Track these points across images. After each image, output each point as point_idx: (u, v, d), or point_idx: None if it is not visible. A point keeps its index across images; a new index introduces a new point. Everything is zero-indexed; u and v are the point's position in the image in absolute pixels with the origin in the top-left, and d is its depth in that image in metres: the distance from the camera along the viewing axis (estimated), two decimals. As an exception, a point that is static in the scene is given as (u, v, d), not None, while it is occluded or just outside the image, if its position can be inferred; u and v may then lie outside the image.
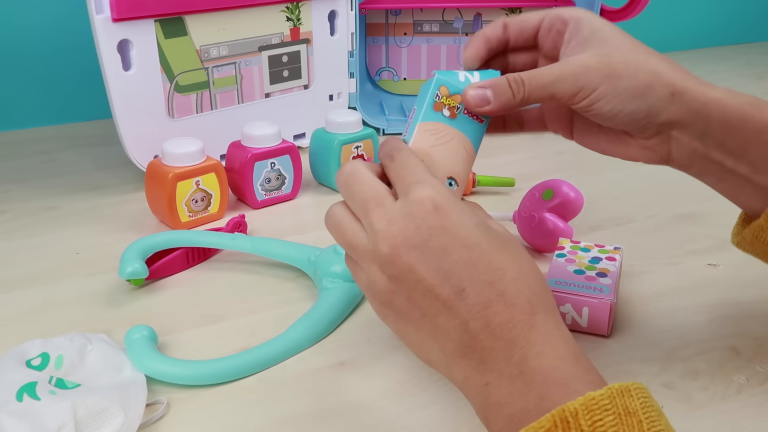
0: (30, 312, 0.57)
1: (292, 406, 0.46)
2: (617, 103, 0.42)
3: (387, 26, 1.03)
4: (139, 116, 0.76)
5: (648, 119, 0.42)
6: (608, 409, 0.31)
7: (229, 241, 0.63)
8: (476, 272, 0.37)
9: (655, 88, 0.42)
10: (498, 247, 0.38)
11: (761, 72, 1.30)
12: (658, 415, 0.32)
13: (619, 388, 0.32)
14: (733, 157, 0.43)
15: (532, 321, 0.36)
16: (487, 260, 0.37)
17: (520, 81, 0.42)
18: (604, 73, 0.42)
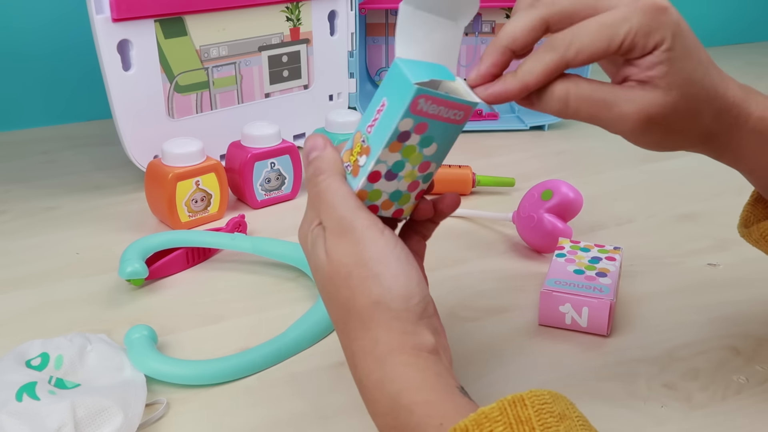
0: (30, 312, 0.57)
1: (292, 406, 0.46)
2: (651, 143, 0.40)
3: (387, 26, 1.03)
4: (139, 116, 0.76)
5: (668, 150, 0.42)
6: (498, 420, 0.31)
7: (229, 241, 0.63)
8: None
9: (688, 136, 0.40)
10: (322, 282, 0.40)
11: (761, 72, 1.30)
12: (558, 420, 0.31)
13: (511, 399, 0.32)
14: (747, 172, 0.44)
15: (357, 376, 0.38)
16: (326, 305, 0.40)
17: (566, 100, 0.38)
18: (663, 130, 0.39)
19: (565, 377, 0.49)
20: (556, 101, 0.38)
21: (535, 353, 0.51)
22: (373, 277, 0.37)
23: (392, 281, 0.37)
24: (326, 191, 0.39)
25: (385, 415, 0.36)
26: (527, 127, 0.99)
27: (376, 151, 0.38)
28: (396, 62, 0.39)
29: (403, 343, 0.36)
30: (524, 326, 0.54)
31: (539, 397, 0.32)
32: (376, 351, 0.36)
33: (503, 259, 0.64)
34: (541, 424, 0.31)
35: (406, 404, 0.35)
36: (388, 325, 0.37)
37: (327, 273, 0.38)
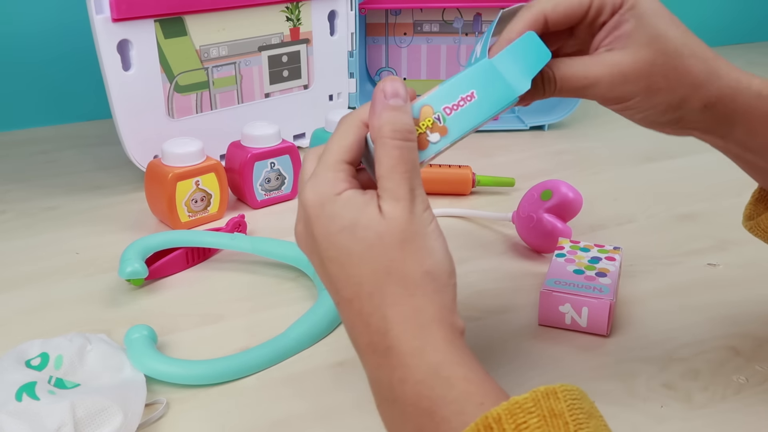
0: (30, 312, 0.57)
1: (292, 406, 0.46)
2: (650, 114, 0.42)
3: (387, 26, 1.03)
4: (139, 116, 0.76)
5: (674, 124, 0.43)
6: (532, 412, 0.30)
7: (229, 241, 0.63)
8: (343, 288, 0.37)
9: (690, 101, 0.41)
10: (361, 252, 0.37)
11: (761, 72, 1.29)
12: (587, 417, 0.31)
13: (545, 390, 0.31)
14: (754, 154, 0.43)
15: (387, 341, 0.36)
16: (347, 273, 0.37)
17: (552, 79, 0.41)
18: (643, 85, 0.40)
19: (565, 377, 0.49)
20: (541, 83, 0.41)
21: (535, 353, 0.51)
22: (428, 249, 0.37)
23: (442, 256, 0.37)
24: (403, 156, 0.38)
25: (417, 383, 0.34)
26: (527, 127, 0.99)
27: (455, 136, 0.41)
28: (492, 62, 0.40)
29: (443, 317, 0.36)
30: (524, 326, 0.54)
31: (570, 392, 0.32)
32: (419, 319, 0.36)
33: (503, 259, 0.64)
34: (573, 420, 0.31)
35: (446, 377, 0.34)
36: (431, 297, 0.36)
37: (377, 231, 0.36)
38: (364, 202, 0.37)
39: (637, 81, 0.40)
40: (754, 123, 0.42)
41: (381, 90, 0.39)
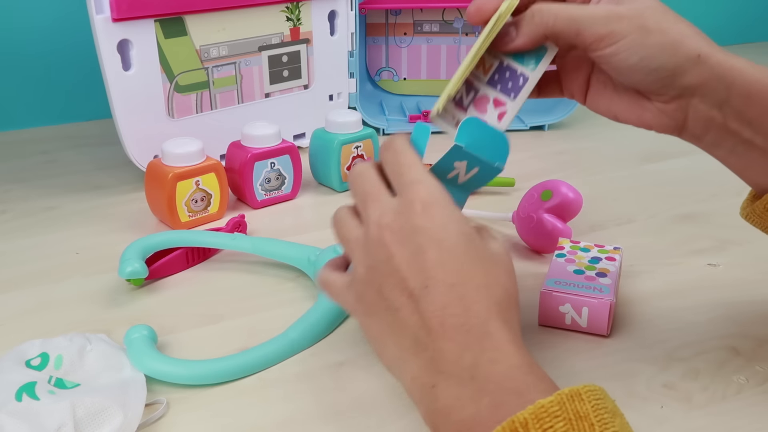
0: (30, 312, 0.57)
1: (292, 406, 0.46)
2: (644, 56, 0.42)
3: (387, 26, 1.03)
4: (139, 116, 0.76)
5: (672, 79, 0.42)
6: (558, 416, 0.31)
7: (229, 241, 0.63)
8: (443, 273, 0.37)
9: (683, 46, 0.41)
10: (474, 257, 0.38)
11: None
12: (612, 416, 0.31)
13: (569, 392, 0.32)
14: (750, 127, 0.43)
15: (486, 327, 0.36)
16: (458, 265, 0.38)
17: (544, 11, 0.43)
18: (636, 24, 0.41)
19: (565, 377, 0.49)
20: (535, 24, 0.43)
21: (535, 353, 0.51)
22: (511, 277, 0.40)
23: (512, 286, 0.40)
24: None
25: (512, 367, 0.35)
26: (527, 127, 0.99)
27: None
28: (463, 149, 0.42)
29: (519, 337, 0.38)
30: (524, 326, 0.54)
31: (594, 392, 0.32)
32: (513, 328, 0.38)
33: (503, 259, 0.64)
34: (599, 421, 0.31)
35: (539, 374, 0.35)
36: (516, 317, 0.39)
37: (500, 261, 0.40)
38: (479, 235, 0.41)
39: (630, 19, 0.42)
40: (751, 86, 0.42)
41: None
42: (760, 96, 0.42)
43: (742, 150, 0.44)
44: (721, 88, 0.42)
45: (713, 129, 0.44)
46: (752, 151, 0.44)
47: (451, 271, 0.38)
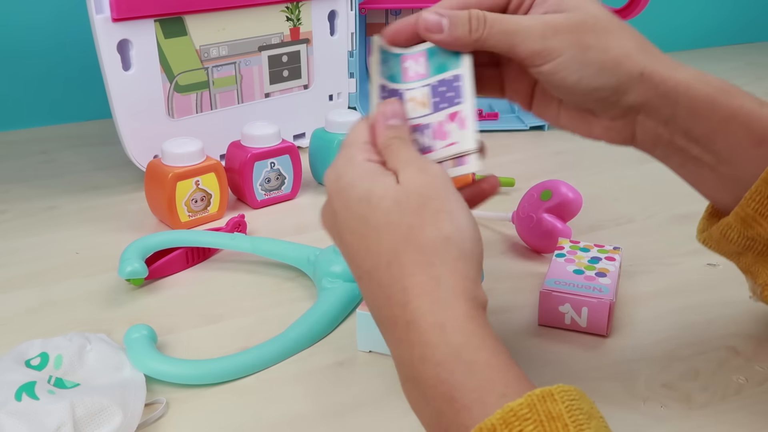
0: (29, 312, 0.57)
1: (292, 406, 0.46)
2: (583, 75, 0.39)
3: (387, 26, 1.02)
4: (139, 116, 0.76)
5: (614, 98, 0.40)
6: (528, 418, 0.29)
7: (229, 241, 0.63)
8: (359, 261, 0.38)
9: (624, 65, 0.39)
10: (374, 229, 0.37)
11: (761, 72, 1.30)
12: (588, 418, 0.30)
13: (540, 393, 0.30)
14: (698, 145, 0.41)
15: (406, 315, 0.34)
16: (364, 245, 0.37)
17: (482, 19, 0.40)
18: (574, 40, 0.39)
19: (565, 377, 0.49)
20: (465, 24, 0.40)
21: (535, 353, 0.51)
22: (447, 212, 0.36)
23: (464, 221, 0.36)
24: (407, 143, 0.40)
25: (437, 365, 0.33)
26: (527, 127, 0.99)
27: None
28: None
29: (465, 289, 0.34)
30: (524, 326, 0.54)
31: (568, 393, 0.31)
32: (439, 292, 0.34)
33: (503, 259, 0.64)
34: (573, 421, 0.29)
35: (468, 361, 0.32)
36: (453, 266, 0.35)
37: (394, 197, 0.36)
38: (380, 171, 0.38)
39: (567, 35, 0.39)
40: (696, 104, 0.40)
41: (381, 113, 0.41)
42: (706, 114, 0.40)
43: (692, 166, 0.42)
44: (666, 105, 0.40)
45: (661, 144, 0.42)
46: (701, 167, 0.42)
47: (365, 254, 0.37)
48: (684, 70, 0.41)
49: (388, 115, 0.41)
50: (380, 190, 0.36)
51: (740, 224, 0.42)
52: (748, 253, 0.44)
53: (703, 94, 0.40)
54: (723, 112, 0.40)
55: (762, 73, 1.30)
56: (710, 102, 0.40)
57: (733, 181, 0.41)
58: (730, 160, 0.41)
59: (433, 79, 0.43)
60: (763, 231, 0.41)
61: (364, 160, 0.38)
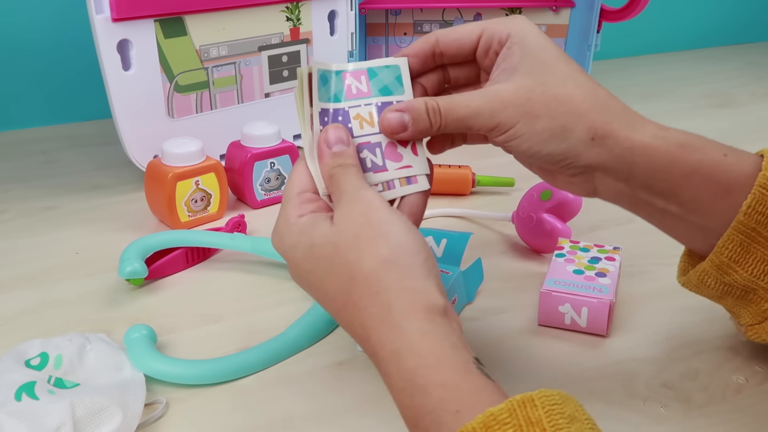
0: (29, 312, 0.57)
1: (292, 406, 0.46)
2: (534, 143, 0.40)
3: (387, 26, 1.03)
4: (139, 116, 0.76)
5: (566, 162, 0.41)
6: (507, 423, 0.30)
7: (229, 241, 0.63)
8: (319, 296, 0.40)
9: (574, 130, 0.40)
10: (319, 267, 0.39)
11: (761, 72, 1.30)
12: (569, 421, 0.30)
13: (521, 399, 0.31)
14: (662, 198, 0.41)
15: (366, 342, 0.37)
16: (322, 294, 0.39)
17: (437, 110, 0.41)
18: (522, 111, 0.40)
19: (565, 377, 0.49)
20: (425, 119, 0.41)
21: (535, 353, 0.51)
22: (381, 236, 0.37)
23: (401, 237, 0.37)
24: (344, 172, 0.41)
25: (399, 392, 0.34)
26: (527, 127, 0.99)
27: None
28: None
29: (416, 304, 0.35)
30: (524, 326, 0.54)
31: (549, 398, 0.31)
32: (391, 318, 0.35)
33: (503, 259, 0.64)
34: (552, 426, 0.30)
35: (422, 384, 0.33)
36: (399, 285, 0.36)
37: (331, 241, 0.38)
38: (311, 223, 0.39)
39: (516, 107, 0.40)
40: (655, 163, 0.40)
41: (324, 140, 0.42)
42: (666, 171, 0.40)
43: (660, 216, 0.42)
44: (622, 166, 0.40)
45: (624, 198, 0.42)
46: (669, 218, 0.42)
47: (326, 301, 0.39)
48: (642, 128, 0.40)
49: (331, 141, 0.42)
50: (319, 240, 0.38)
51: (716, 271, 0.43)
52: (728, 297, 0.45)
53: (661, 152, 0.40)
54: (683, 168, 0.40)
55: (761, 73, 1.30)
56: (669, 160, 0.40)
57: (704, 229, 0.42)
58: (697, 211, 0.41)
59: (377, 99, 0.44)
60: (738, 277, 0.42)
61: (297, 217, 0.40)
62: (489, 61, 0.44)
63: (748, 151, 0.42)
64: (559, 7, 0.98)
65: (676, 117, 1.03)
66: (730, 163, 0.41)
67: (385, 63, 0.44)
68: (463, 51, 0.44)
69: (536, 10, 0.98)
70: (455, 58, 0.45)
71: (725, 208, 0.40)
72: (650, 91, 1.18)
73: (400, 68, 0.44)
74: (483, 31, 0.43)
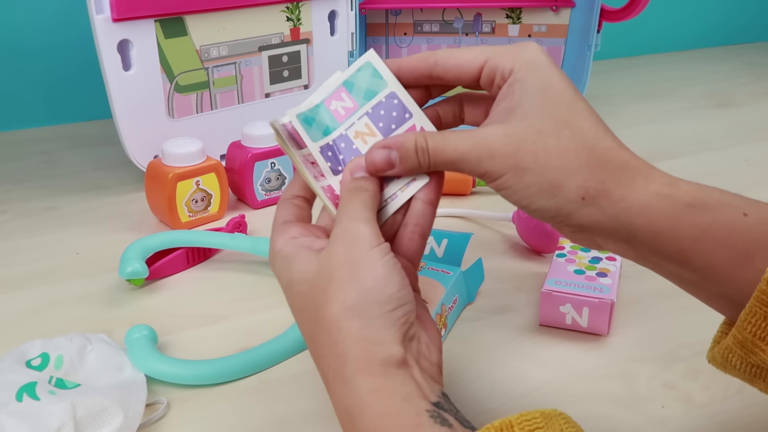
0: (30, 312, 0.57)
1: (292, 406, 0.46)
2: (523, 196, 0.36)
3: (387, 26, 1.03)
4: (139, 116, 0.76)
5: (558, 219, 0.37)
6: None
7: (229, 241, 0.63)
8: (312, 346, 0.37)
9: (563, 188, 0.36)
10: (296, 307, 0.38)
11: (759, 72, 1.30)
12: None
13: (498, 425, 0.29)
14: (672, 263, 0.36)
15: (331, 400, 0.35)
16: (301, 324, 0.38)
17: (425, 150, 0.38)
18: (510, 162, 0.36)
19: (565, 377, 0.49)
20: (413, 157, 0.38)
21: (535, 353, 0.51)
22: (354, 280, 0.34)
23: (373, 283, 0.34)
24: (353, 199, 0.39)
25: None
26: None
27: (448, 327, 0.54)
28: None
29: (370, 358, 0.33)
30: (524, 326, 0.54)
31: (530, 422, 0.29)
32: (345, 372, 0.34)
33: (503, 259, 0.64)
34: None
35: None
36: (357, 337, 0.34)
37: (307, 279, 0.36)
38: (295, 253, 0.37)
39: (503, 158, 0.36)
40: (656, 225, 0.35)
41: (347, 170, 0.40)
42: (671, 235, 0.35)
43: (676, 279, 0.38)
44: (620, 228, 0.36)
45: (631, 258, 0.38)
46: (684, 282, 0.37)
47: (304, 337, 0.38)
48: (644, 185, 0.36)
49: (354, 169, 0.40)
50: (298, 275, 0.37)
51: (740, 349, 0.36)
52: (759, 381, 0.37)
53: (663, 213, 0.35)
54: (691, 232, 0.35)
55: (760, 73, 1.30)
56: (673, 221, 0.35)
57: (724, 298, 0.37)
58: (714, 279, 0.36)
59: (367, 107, 0.42)
60: (766, 357, 0.35)
61: (281, 247, 0.38)
62: (494, 92, 0.39)
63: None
64: (559, 7, 0.98)
65: (676, 117, 1.03)
66: (750, 224, 0.35)
67: (356, 67, 0.42)
68: (463, 79, 0.40)
69: (536, 10, 0.98)
70: (454, 83, 0.41)
71: (747, 276, 0.35)
72: (650, 91, 1.18)
73: (372, 63, 0.42)
74: (486, 61, 0.39)
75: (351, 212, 0.37)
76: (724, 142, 0.93)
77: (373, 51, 0.42)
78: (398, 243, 0.40)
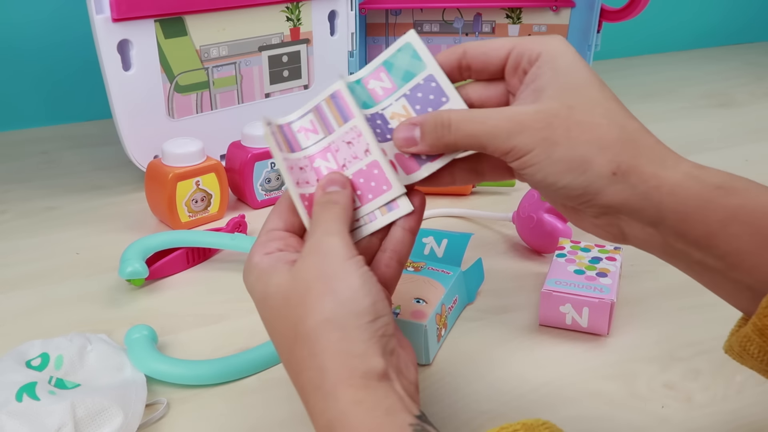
0: (30, 312, 0.57)
1: (292, 406, 0.46)
2: (550, 173, 0.36)
3: (387, 26, 1.03)
4: (139, 116, 0.76)
5: (585, 198, 0.36)
6: None
7: (229, 241, 0.63)
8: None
9: (594, 163, 0.35)
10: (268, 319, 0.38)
11: (760, 72, 1.30)
12: None
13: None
14: (698, 249, 0.36)
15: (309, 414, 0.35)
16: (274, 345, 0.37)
17: (446, 124, 0.38)
18: (541, 136, 0.36)
19: (565, 377, 0.49)
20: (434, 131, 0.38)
21: (535, 353, 0.51)
22: (330, 293, 0.34)
23: (349, 294, 0.34)
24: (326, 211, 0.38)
25: None
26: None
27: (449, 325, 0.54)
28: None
29: (351, 370, 0.33)
30: (524, 326, 0.54)
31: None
32: (325, 385, 0.33)
33: (503, 259, 0.64)
34: None
35: None
36: (335, 349, 0.33)
37: (283, 293, 0.36)
38: (272, 267, 0.37)
39: (534, 132, 0.36)
40: (685, 205, 0.35)
41: (320, 186, 0.40)
42: (700, 216, 0.35)
43: (700, 270, 0.37)
44: (648, 207, 0.36)
45: (656, 246, 0.38)
46: (710, 272, 0.37)
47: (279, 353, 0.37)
48: (674, 165, 0.36)
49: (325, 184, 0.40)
50: (273, 289, 0.36)
51: (759, 337, 0.36)
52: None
53: (693, 193, 0.35)
54: (719, 214, 0.35)
55: (761, 73, 1.30)
56: (702, 202, 0.35)
57: (750, 289, 0.35)
58: (739, 266, 0.35)
59: (405, 88, 0.41)
60: None
61: (258, 261, 0.38)
62: (517, 80, 0.40)
63: None
64: (559, 7, 0.98)
65: (676, 117, 1.03)
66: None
67: (396, 47, 0.42)
68: (490, 66, 0.40)
69: (536, 10, 0.98)
70: (481, 73, 0.41)
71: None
72: (650, 91, 1.18)
73: (411, 44, 0.42)
74: (513, 48, 0.39)
75: (323, 225, 0.37)
76: (723, 142, 0.93)
77: (414, 31, 0.42)
78: (375, 268, 0.40)
